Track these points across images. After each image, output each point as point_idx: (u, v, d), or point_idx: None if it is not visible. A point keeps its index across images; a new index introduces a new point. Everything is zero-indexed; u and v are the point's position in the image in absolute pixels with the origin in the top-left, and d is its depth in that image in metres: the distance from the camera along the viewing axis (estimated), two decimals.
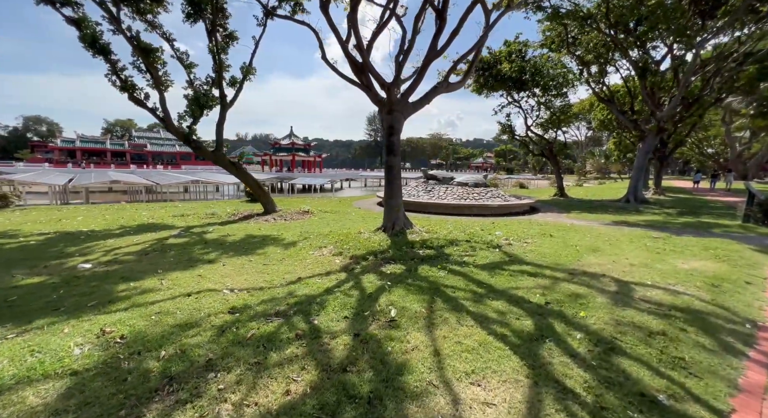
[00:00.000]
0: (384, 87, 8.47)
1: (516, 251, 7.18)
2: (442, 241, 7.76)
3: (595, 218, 13.28)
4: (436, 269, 5.74)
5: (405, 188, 19.48)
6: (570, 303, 4.37)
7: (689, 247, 7.94)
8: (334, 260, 6.38)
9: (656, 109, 18.16)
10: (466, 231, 9.28)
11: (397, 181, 8.88)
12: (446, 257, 6.55)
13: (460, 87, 9.29)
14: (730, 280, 5.54)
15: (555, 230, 10.24)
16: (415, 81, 8.76)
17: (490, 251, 7.03)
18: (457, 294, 4.62)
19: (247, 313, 3.85)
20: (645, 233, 9.88)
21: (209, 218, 12.16)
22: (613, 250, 7.51)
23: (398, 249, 7.02)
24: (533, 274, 5.55)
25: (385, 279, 5.23)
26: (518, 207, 16.00)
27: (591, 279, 5.35)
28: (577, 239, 8.65)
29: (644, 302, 4.51)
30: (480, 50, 9.16)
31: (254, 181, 13.04)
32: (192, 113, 12.44)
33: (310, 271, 5.71)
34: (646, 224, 11.86)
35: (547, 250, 7.29)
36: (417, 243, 7.51)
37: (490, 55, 22.45)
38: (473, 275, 5.50)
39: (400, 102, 8.73)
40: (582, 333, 3.59)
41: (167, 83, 11.67)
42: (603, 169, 59.16)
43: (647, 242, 8.42)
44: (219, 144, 12.65)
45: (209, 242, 8.16)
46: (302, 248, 7.33)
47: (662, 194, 24.23)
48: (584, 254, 7.00)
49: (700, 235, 9.65)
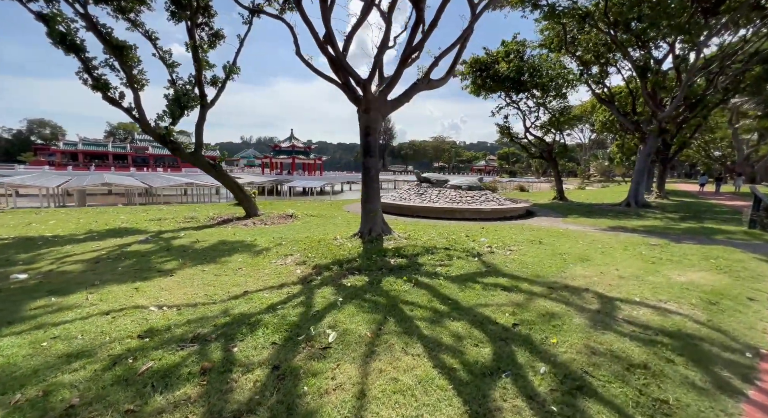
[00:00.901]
0: (359, 84, 7.95)
1: (496, 260, 6.60)
2: (418, 248, 7.20)
3: (592, 223, 12.65)
4: (401, 282, 5.18)
5: (397, 191, 18.94)
6: (542, 325, 3.79)
7: (688, 256, 7.31)
8: (294, 270, 5.85)
9: (657, 110, 17.49)
10: (449, 237, 8.71)
11: (374, 184, 8.34)
12: (417, 267, 5.99)
13: (442, 84, 8.75)
14: (730, 295, 4.93)
15: (547, 235, 9.65)
16: (393, 78, 8.24)
17: (467, 260, 6.46)
18: (415, 313, 4.07)
19: (160, 337, 3.32)
20: (642, 239, 9.25)
21: (186, 223, 11.69)
22: (603, 259, 6.91)
23: (368, 258, 6.47)
24: (508, 288, 4.97)
25: (341, 293, 4.69)
26: (513, 211, 15.39)
27: (572, 295, 4.77)
28: (567, 247, 8.05)
29: (628, 323, 3.92)
30: (464, 44, 8.62)
31: (235, 183, 12.56)
32: (171, 113, 12.03)
33: (262, 283, 5.18)
34: (645, 230, 11.22)
35: (531, 259, 6.70)
36: (390, 251, 6.96)
37: (488, 55, 21.94)
38: (441, 288, 4.93)
39: (377, 100, 8.21)
40: (548, 365, 3.01)
41: (143, 82, 11.23)
42: (606, 172, 58.27)
43: (643, 250, 7.81)
44: (198, 145, 12.20)
45: (173, 248, 7.66)
46: (267, 256, 6.81)
47: (665, 198, 23.49)
48: (571, 264, 6.41)
49: (701, 242, 9.00)
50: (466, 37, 8.57)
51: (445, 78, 8.76)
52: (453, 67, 8.82)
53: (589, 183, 53.62)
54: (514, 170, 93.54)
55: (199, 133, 12.27)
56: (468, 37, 8.61)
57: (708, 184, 34.54)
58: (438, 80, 8.70)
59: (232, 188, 12.59)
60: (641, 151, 18.40)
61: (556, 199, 23.25)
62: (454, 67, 8.83)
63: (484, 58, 22.00)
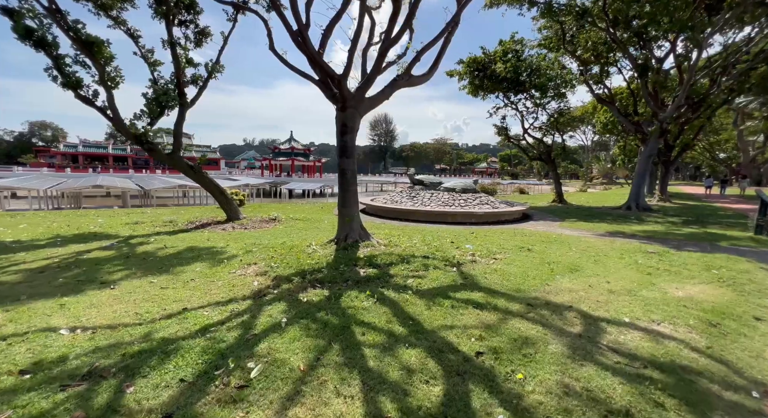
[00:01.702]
0: (334, 80, 7.43)
1: (477, 270, 6.04)
2: (394, 257, 6.65)
3: (589, 228, 12.06)
4: (364, 297, 4.63)
5: (389, 194, 18.39)
6: (511, 354, 3.23)
7: (688, 265, 6.71)
8: (252, 282, 5.31)
9: (659, 110, 16.88)
10: (433, 244, 8.15)
11: (351, 187, 7.80)
12: (387, 279, 5.44)
13: (425, 80, 8.21)
14: (734, 315, 4.35)
15: (539, 241, 9.08)
16: (370, 74, 7.70)
17: (444, 271, 5.90)
18: (367, 338, 3.52)
19: (47, 373, 2.79)
20: (640, 246, 8.66)
21: (163, 227, 11.19)
22: (595, 269, 6.33)
23: (335, 268, 5.93)
24: (481, 305, 4.41)
25: (291, 311, 4.15)
26: (508, 215, 14.80)
27: (552, 314, 4.20)
28: (557, 254, 7.47)
29: (613, 351, 3.35)
30: (449, 38, 8.07)
31: (215, 186, 12.06)
32: (150, 113, 11.59)
33: (209, 298, 4.64)
34: (644, 235, 10.62)
35: (516, 269, 6.13)
36: (363, 259, 6.41)
37: (485, 55, 21.42)
38: (406, 305, 4.38)
39: (355, 97, 7.68)
40: (507, 413, 2.45)
41: (117, 80, 10.76)
42: (609, 174, 57.48)
43: (639, 259, 7.22)
44: (177, 146, 11.72)
45: (134, 256, 7.14)
46: (228, 265, 6.28)
47: (668, 201, 22.81)
48: (558, 276, 5.83)
49: (704, 249, 8.39)
50: (451, 29, 8.04)
51: (428, 74, 8.22)
52: (437, 62, 8.28)
53: (591, 185, 52.83)
54: (516, 172, 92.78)
55: (177, 134, 11.80)
56: (453, 29, 8.07)
57: (714, 186, 33.76)
58: (420, 76, 8.16)
59: (212, 191, 12.09)
60: (642, 153, 17.77)
61: (555, 202, 22.61)
62: (438, 63, 8.29)
63: (481, 58, 21.49)
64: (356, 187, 7.95)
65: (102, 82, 10.31)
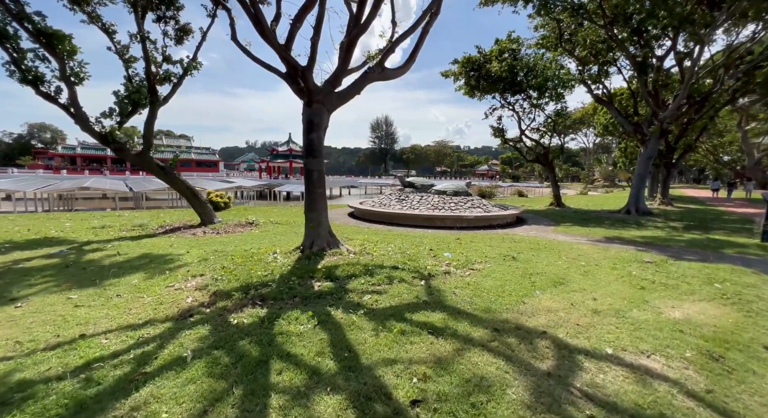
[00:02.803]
0: (298, 72, 6.77)
1: (447, 284, 5.34)
2: (358, 268, 5.96)
3: (585, 233, 11.34)
4: (305, 318, 3.95)
5: (378, 197, 17.71)
6: (455, 403, 2.54)
7: (687, 278, 6.00)
8: (185, 299, 4.64)
9: (658, 110, 16.15)
10: (408, 252, 7.46)
11: (318, 190, 7.13)
12: (342, 295, 4.76)
13: (400, 74, 7.55)
14: (740, 343, 3.64)
15: (527, 248, 8.39)
16: (339, 66, 7.05)
17: (410, 285, 5.21)
18: (283, 378, 2.84)
19: None
20: (636, 254, 7.94)
21: (130, 231, 10.57)
22: (582, 282, 5.63)
23: (286, 281, 5.25)
24: (438, 330, 3.72)
25: (210, 339, 3.48)
26: (500, 219, 14.07)
27: (521, 342, 3.50)
28: (543, 264, 6.77)
29: (587, 399, 2.66)
30: (428, 28, 7.42)
31: (187, 188, 11.41)
32: (121, 111, 11.01)
33: (122, 320, 3.98)
34: (643, 242, 9.90)
35: (492, 283, 5.44)
36: (322, 271, 5.73)
37: (481, 54, 20.75)
38: (350, 330, 3.70)
39: (322, 92, 7.03)
40: None
41: (81, 75, 10.15)
42: (610, 176, 56.63)
43: (633, 269, 6.50)
44: (147, 145, 11.09)
45: (75, 265, 6.50)
46: (171, 277, 5.62)
47: (669, 204, 22.01)
48: (539, 290, 5.13)
49: (706, 259, 7.66)
50: (430, 18, 7.38)
51: (404, 67, 7.55)
52: (413, 54, 7.62)
53: (593, 188, 51.97)
54: (517, 175, 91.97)
55: (148, 133, 11.18)
56: (432, 19, 7.41)
57: (721, 189, 32.90)
58: (395, 69, 7.50)
59: (184, 193, 11.45)
60: (641, 155, 17.02)
61: (553, 205, 21.87)
62: (415, 55, 7.63)
63: (476, 58, 20.83)
64: (324, 189, 7.28)
65: (63, 78, 9.70)
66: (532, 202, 25.71)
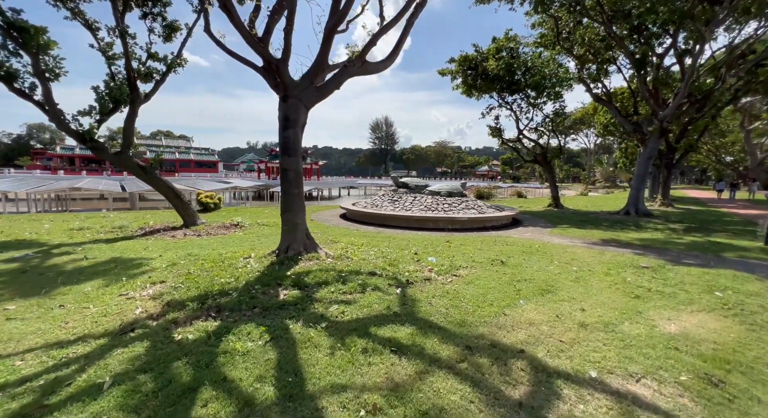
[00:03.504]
0: (271, 65, 6.38)
1: (425, 292, 4.93)
2: (332, 274, 5.56)
3: (581, 235, 10.92)
4: (257, 333, 3.56)
5: (371, 198, 17.29)
6: None
7: (686, 285, 5.57)
8: (134, 310, 4.25)
9: (658, 109, 15.70)
10: (391, 256, 7.06)
11: (295, 190, 6.73)
12: (306, 306, 4.35)
13: (383, 68, 7.14)
14: (742, 364, 3.22)
15: (518, 252, 7.98)
16: (318, 59, 6.65)
17: (383, 294, 4.80)
18: (207, 411, 2.43)
19: None
20: (633, 258, 7.51)
21: (108, 233, 10.19)
22: (572, 290, 5.21)
23: (249, 290, 4.85)
24: (403, 348, 3.31)
25: (143, 359, 3.09)
26: (495, 220, 13.66)
27: (494, 363, 3.09)
28: (533, 269, 6.36)
29: None
30: (413, 19, 7.01)
31: (169, 189, 11.03)
32: (101, 109, 10.65)
33: (51, 336, 3.58)
34: (641, 244, 9.48)
35: (473, 291, 5.03)
36: (291, 278, 5.32)
37: (478, 53, 20.36)
38: (305, 348, 3.30)
39: (299, 86, 6.63)
40: None
41: (57, 71, 9.78)
42: (611, 177, 56.12)
43: (628, 276, 6.08)
44: (126, 144, 10.71)
45: (34, 270, 6.12)
46: (128, 284, 5.22)
47: (670, 205, 21.53)
48: (523, 300, 4.72)
49: (706, 263, 7.23)
50: (416, 8, 6.98)
51: (387, 61, 7.14)
52: (398, 47, 7.21)
53: (594, 189, 51.47)
54: (517, 175, 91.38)
55: (127, 131, 10.81)
56: (418, 8, 7.00)
57: (725, 190, 32.40)
58: (377, 63, 7.10)
59: (166, 194, 11.06)
60: (641, 155, 16.57)
61: (551, 206, 21.42)
62: (399, 48, 7.22)
63: (473, 56, 20.45)
64: (302, 190, 6.87)
65: (36, 74, 9.33)
66: (531, 203, 25.27)
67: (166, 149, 70.62)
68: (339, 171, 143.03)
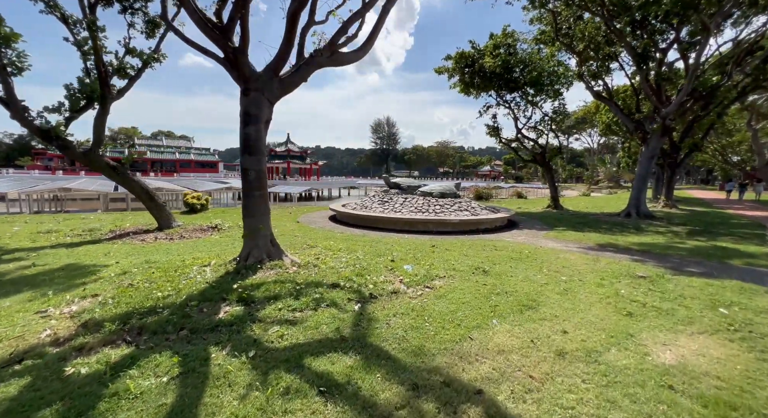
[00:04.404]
0: (228, 53, 5.81)
1: (387, 309, 4.33)
2: (289, 286, 4.96)
3: (577, 239, 10.28)
4: (168, 366, 2.97)
5: (360, 199, 16.69)
6: None
7: (686, 300, 4.93)
8: (40, 332, 3.68)
9: (660, 106, 14.99)
10: (363, 263, 6.46)
11: (256, 192, 6.14)
12: (244, 326, 3.77)
13: (355, 58, 6.54)
14: (752, 410, 2.59)
15: (506, 258, 7.37)
16: (282, 46, 6.05)
17: (339, 311, 4.20)
18: None
19: None
20: (629, 266, 6.87)
21: (76, 237, 9.67)
22: (557, 305, 4.59)
23: (186, 306, 4.27)
24: (336, 388, 2.71)
25: (4, 405, 2.51)
26: (488, 223, 13.03)
27: (442, 409, 2.49)
28: (517, 280, 5.74)
29: None
30: (389, 5, 6.42)
31: (142, 189, 10.49)
32: (71, 106, 10.15)
33: None
34: (640, 250, 8.83)
35: (443, 307, 4.42)
36: (238, 291, 4.72)
37: (474, 49, 19.68)
38: (214, 387, 2.71)
39: (261, 78, 6.05)
40: None
41: (20, 66, 9.25)
42: (614, 177, 55.16)
43: (623, 287, 5.45)
44: (96, 142, 10.18)
45: None
46: (55, 298, 4.66)
47: (673, 207, 20.76)
48: (498, 318, 4.11)
49: (710, 272, 6.57)
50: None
51: (360, 51, 6.54)
52: (372, 35, 6.61)
53: (597, 189, 50.54)
54: (520, 176, 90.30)
55: (97, 129, 10.27)
56: None
57: (734, 190, 31.53)
58: (349, 53, 6.50)
59: (139, 195, 10.52)
60: (643, 154, 15.85)
61: (550, 207, 20.72)
62: (374, 37, 6.62)
63: (470, 53, 19.74)
64: (265, 191, 6.28)
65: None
66: (530, 204, 24.57)
67: (167, 149, 70.41)
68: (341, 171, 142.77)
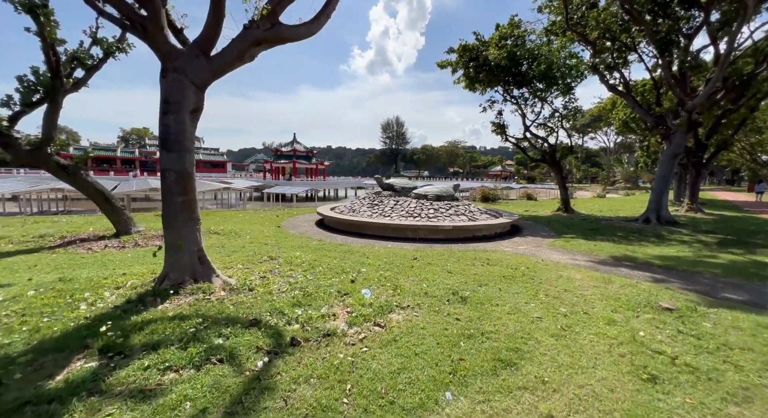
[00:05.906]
0: (134, 23, 4.63)
1: (302, 366, 3.06)
2: (188, 324, 3.74)
3: (587, 250, 8.87)
4: None
5: (349, 201, 15.43)
6: None
7: (733, 351, 3.52)
8: None
9: (686, 98, 13.32)
10: (318, 285, 5.20)
11: (177, 198, 4.94)
12: (72, 402, 2.56)
13: (306, 33, 5.26)
14: None
15: (498, 276, 6.07)
16: (208, 18, 4.84)
17: (231, 369, 2.96)
18: None
19: None
20: (650, 291, 5.45)
21: (18, 244, 8.70)
22: (549, 361, 3.25)
23: (14, 361, 3.08)
24: None
25: None
26: (487, 229, 11.63)
27: None
28: (504, 312, 4.41)
29: None
30: None
31: (96, 191, 9.45)
32: (23, 99, 9.23)
33: None
34: (662, 266, 7.37)
35: (384, 362, 3.12)
36: (108, 334, 3.52)
37: (479, 41, 18.20)
38: None
39: (181, 56, 4.85)
40: None
41: None
42: (632, 178, 52.64)
43: (642, 327, 4.06)
44: (45, 139, 9.16)
45: None
46: None
47: (699, 211, 18.88)
48: (458, 385, 2.80)
49: (758, 299, 5.10)
50: None
51: (312, 24, 5.26)
52: (326, 6, 5.34)
53: (613, 190, 48.21)
54: (532, 176, 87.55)
55: (47, 125, 9.27)
56: None
57: (766, 192, 29.22)
58: (296, 27, 5.23)
59: (94, 198, 9.49)
60: (665, 153, 14.17)
61: (560, 210, 19.10)
62: (329, 8, 5.35)
63: (474, 45, 18.26)
64: (191, 197, 5.07)
65: None
66: (538, 207, 22.96)
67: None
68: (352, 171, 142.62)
